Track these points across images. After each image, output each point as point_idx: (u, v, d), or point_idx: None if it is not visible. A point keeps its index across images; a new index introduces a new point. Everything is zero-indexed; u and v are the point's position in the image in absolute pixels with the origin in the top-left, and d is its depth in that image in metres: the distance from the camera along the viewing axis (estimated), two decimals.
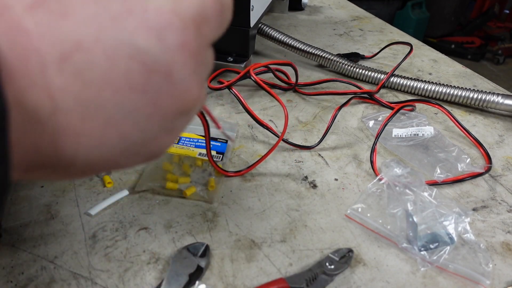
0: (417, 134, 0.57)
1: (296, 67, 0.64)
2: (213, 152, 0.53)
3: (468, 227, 0.43)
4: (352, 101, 0.68)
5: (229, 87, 0.61)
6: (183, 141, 0.54)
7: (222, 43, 0.77)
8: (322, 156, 0.55)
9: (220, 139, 0.55)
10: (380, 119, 0.62)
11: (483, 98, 0.64)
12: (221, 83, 0.66)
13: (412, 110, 0.64)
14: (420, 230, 0.41)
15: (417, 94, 0.71)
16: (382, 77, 0.72)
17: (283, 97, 0.70)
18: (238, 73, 0.66)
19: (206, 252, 0.40)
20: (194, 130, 0.56)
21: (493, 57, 3.07)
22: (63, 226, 0.43)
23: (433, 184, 0.50)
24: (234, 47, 0.71)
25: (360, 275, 0.39)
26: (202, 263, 0.38)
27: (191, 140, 0.54)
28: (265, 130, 0.59)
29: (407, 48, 0.79)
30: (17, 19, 0.14)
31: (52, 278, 0.38)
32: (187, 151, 0.53)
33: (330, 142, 0.59)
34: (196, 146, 0.54)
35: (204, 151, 0.53)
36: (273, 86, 0.72)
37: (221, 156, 0.53)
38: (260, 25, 0.78)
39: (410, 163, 0.54)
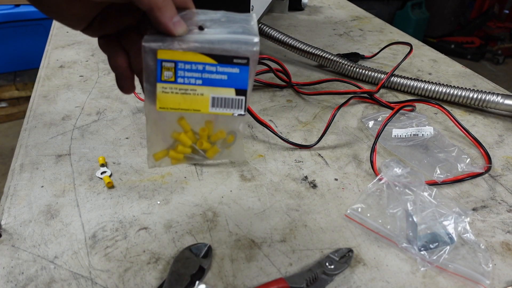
0: (417, 134, 0.58)
1: (280, 62, 0.64)
2: (228, 92, 0.34)
3: (468, 227, 0.43)
4: (352, 101, 0.68)
5: None
6: (183, 76, 0.33)
7: None
8: (322, 156, 0.55)
9: (236, 58, 0.33)
10: (380, 119, 0.62)
11: (483, 98, 0.65)
12: None
13: (412, 110, 0.64)
14: (420, 230, 0.41)
15: (417, 94, 0.71)
16: (382, 77, 0.72)
17: (283, 97, 0.70)
18: None
19: (208, 253, 0.40)
20: (192, 43, 0.32)
21: (493, 57, 3.07)
22: (63, 226, 0.43)
23: (433, 184, 0.50)
24: None
25: (360, 275, 0.39)
26: (205, 264, 0.38)
27: (193, 69, 0.33)
28: (265, 130, 0.59)
29: (407, 48, 0.79)
30: None
31: (52, 278, 0.38)
32: (193, 100, 0.34)
33: (330, 142, 0.59)
34: (205, 83, 0.34)
35: (220, 91, 0.34)
36: (270, 85, 0.72)
37: (243, 99, 0.35)
38: (260, 25, 0.78)
39: (410, 163, 0.54)
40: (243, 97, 0.35)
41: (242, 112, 0.35)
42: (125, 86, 0.34)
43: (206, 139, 0.37)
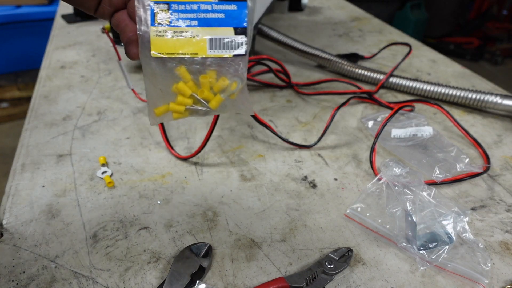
0: (416, 134, 0.58)
1: (280, 62, 0.64)
2: (227, 31, 0.33)
3: (466, 227, 0.43)
4: (352, 101, 0.69)
5: None
6: (177, 17, 0.32)
7: None
8: (321, 156, 0.56)
9: None
10: (379, 119, 0.62)
11: (482, 98, 0.65)
12: None
13: (411, 111, 0.64)
14: (419, 230, 0.42)
15: (416, 94, 0.71)
16: (381, 77, 0.73)
17: (283, 97, 0.70)
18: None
19: (208, 252, 0.40)
20: None
21: (492, 58, 3.07)
22: (64, 225, 0.43)
23: (432, 183, 0.50)
24: None
25: (359, 274, 0.39)
26: (205, 264, 0.39)
27: (188, 10, 0.32)
28: (265, 130, 0.59)
29: (406, 49, 0.79)
30: None
31: (53, 277, 0.38)
32: (190, 43, 0.33)
33: (330, 142, 0.59)
34: (201, 23, 0.32)
35: (217, 31, 0.32)
36: (270, 85, 0.73)
37: (243, 38, 0.33)
38: (259, 25, 0.78)
39: (409, 163, 0.54)
40: (243, 36, 0.33)
41: (243, 52, 0.33)
42: (131, 51, 0.34)
43: (208, 87, 0.34)
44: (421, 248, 0.40)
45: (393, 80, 0.72)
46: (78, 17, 1.03)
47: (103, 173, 0.50)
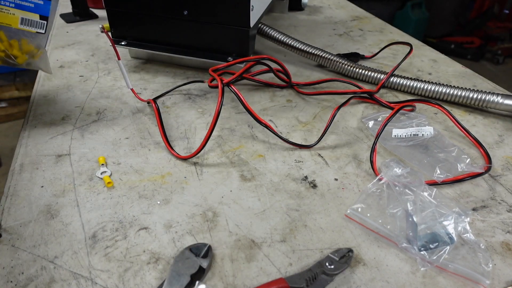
0: (417, 134, 0.58)
1: (280, 62, 0.64)
2: (34, 16, 0.50)
3: (468, 227, 0.43)
4: (352, 101, 0.68)
5: (228, 84, 0.61)
6: (3, 2, 0.49)
7: (222, 43, 0.76)
8: (322, 156, 0.56)
9: None
10: (380, 119, 0.62)
11: (483, 98, 0.65)
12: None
13: (412, 110, 0.64)
14: (420, 230, 0.41)
15: (417, 94, 0.71)
16: (382, 77, 0.72)
17: (283, 97, 0.70)
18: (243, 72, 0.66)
19: (208, 252, 0.40)
20: None
21: (493, 57, 3.07)
22: (63, 226, 0.43)
23: (433, 184, 0.50)
24: (234, 47, 0.71)
25: (360, 275, 0.39)
26: (204, 264, 0.38)
27: None
28: (265, 130, 0.59)
29: (407, 48, 0.79)
30: None
31: (52, 278, 0.38)
32: (7, 17, 0.49)
33: (330, 142, 0.59)
34: (17, 7, 0.49)
35: (27, 14, 0.49)
36: (270, 85, 0.73)
37: (44, 23, 0.51)
38: (260, 25, 0.78)
39: (410, 163, 0.54)
40: (45, 21, 0.50)
41: (43, 32, 0.51)
42: None
43: (18, 49, 0.52)
44: (422, 249, 0.40)
45: (393, 79, 0.72)
46: (77, 17, 1.03)
47: (102, 173, 0.50)
